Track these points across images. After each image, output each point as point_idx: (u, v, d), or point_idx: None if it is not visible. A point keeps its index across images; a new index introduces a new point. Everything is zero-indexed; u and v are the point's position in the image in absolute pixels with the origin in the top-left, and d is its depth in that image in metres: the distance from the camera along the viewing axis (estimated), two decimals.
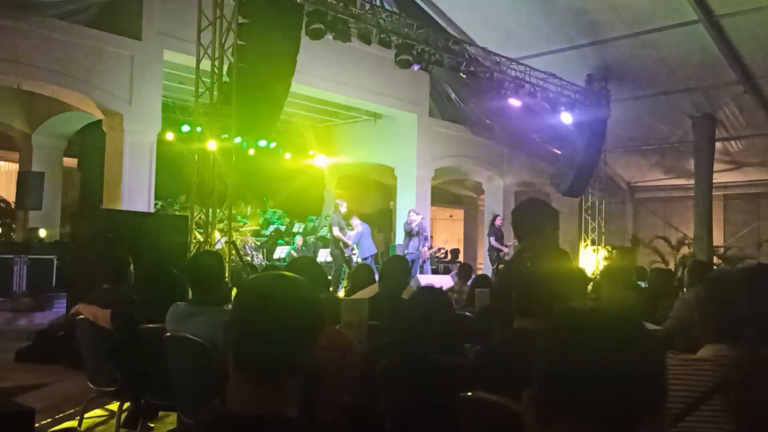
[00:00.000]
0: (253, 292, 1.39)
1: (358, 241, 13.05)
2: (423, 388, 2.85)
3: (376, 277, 5.70)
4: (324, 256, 13.58)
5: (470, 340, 3.72)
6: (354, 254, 13.42)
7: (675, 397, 1.67)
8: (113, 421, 4.28)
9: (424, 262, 13.55)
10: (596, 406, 0.95)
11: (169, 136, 12.97)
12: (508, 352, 2.22)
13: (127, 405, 4.39)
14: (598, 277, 7.26)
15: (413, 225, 13.30)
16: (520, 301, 2.27)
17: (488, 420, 2.17)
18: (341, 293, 10.70)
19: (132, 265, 4.82)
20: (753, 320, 1.68)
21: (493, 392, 2.12)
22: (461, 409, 2.30)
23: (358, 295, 4.88)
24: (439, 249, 14.82)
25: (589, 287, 5.64)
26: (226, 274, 7.42)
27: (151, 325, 4.03)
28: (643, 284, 7.61)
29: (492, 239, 14.75)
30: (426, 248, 13.67)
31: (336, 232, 12.82)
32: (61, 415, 5.18)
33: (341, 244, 12.85)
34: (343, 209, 13.08)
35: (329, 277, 11.00)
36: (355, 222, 13.33)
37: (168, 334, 3.66)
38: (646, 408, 0.96)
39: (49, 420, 5.00)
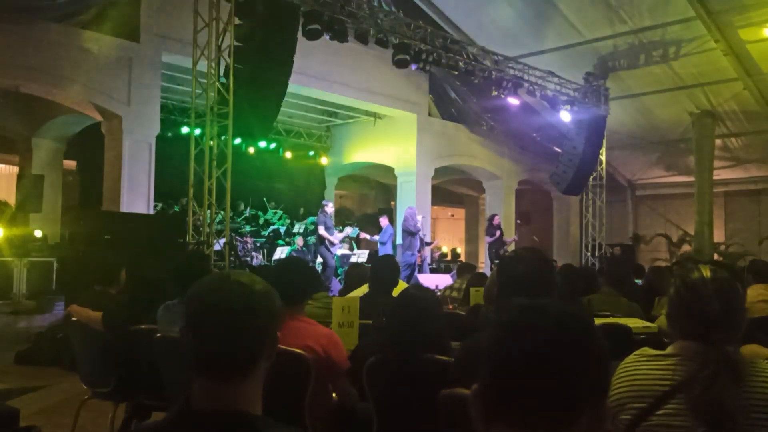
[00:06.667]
0: (199, 296, 1.42)
1: (387, 240, 13.13)
2: (409, 386, 2.86)
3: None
4: None
5: (462, 338, 3.71)
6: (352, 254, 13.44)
7: (643, 392, 1.68)
8: (107, 422, 4.29)
9: (422, 261, 13.54)
10: (537, 398, 0.96)
11: (169, 137, 12.99)
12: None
13: (120, 405, 4.40)
14: None
15: (413, 224, 13.23)
16: (500, 296, 2.27)
17: (467, 416, 2.17)
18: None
19: (124, 267, 4.82)
20: (722, 323, 1.71)
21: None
22: (442, 406, 2.30)
23: (351, 295, 4.89)
24: (436, 248, 14.69)
25: None
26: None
27: (142, 326, 4.05)
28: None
29: (488, 238, 14.78)
30: (425, 249, 13.64)
31: (321, 231, 12.89)
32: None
33: (327, 242, 12.91)
34: (330, 209, 13.15)
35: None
36: (384, 221, 13.42)
37: (159, 334, 3.68)
38: (587, 400, 0.98)
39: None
